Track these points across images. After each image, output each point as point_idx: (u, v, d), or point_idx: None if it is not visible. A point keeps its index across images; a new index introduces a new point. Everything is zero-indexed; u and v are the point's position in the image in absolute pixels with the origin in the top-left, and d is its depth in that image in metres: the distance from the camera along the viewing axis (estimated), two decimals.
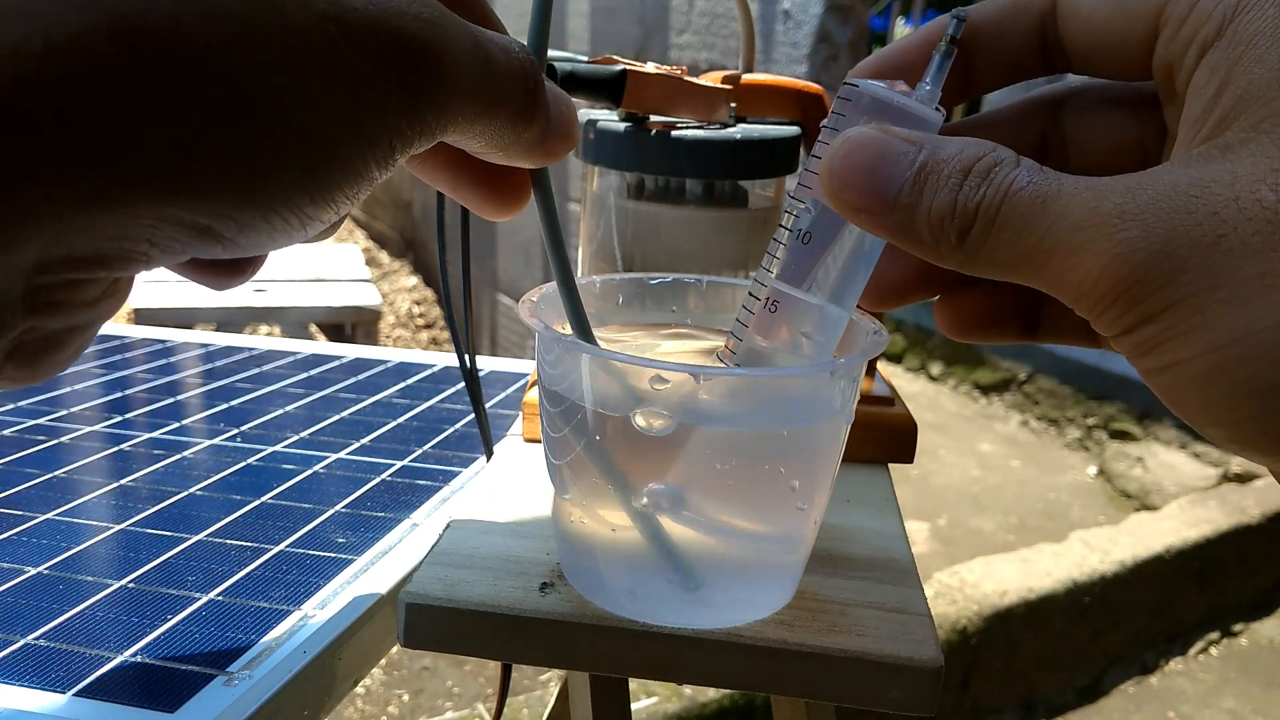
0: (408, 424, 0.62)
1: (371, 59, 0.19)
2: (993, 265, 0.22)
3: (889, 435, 0.43)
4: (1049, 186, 0.21)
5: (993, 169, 0.21)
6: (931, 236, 0.22)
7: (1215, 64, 0.21)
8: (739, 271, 0.44)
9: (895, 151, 0.22)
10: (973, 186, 0.21)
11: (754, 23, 0.46)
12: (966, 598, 1.66)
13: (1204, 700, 1.77)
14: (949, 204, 0.21)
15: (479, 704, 1.51)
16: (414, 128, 0.21)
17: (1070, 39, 0.25)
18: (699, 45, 1.99)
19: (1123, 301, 0.20)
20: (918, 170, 0.22)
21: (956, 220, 0.21)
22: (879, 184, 0.22)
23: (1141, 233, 0.19)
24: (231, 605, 0.39)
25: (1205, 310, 0.19)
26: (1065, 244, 0.20)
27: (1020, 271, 0.21)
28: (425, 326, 3.21)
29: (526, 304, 0.30)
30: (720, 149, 0.41)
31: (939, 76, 0.25)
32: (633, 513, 0.29)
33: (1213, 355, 0.19)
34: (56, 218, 0.16)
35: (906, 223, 0.22)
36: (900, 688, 0.29)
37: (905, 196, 0.22)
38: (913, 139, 0.22)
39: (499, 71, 0.22)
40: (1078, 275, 0.20)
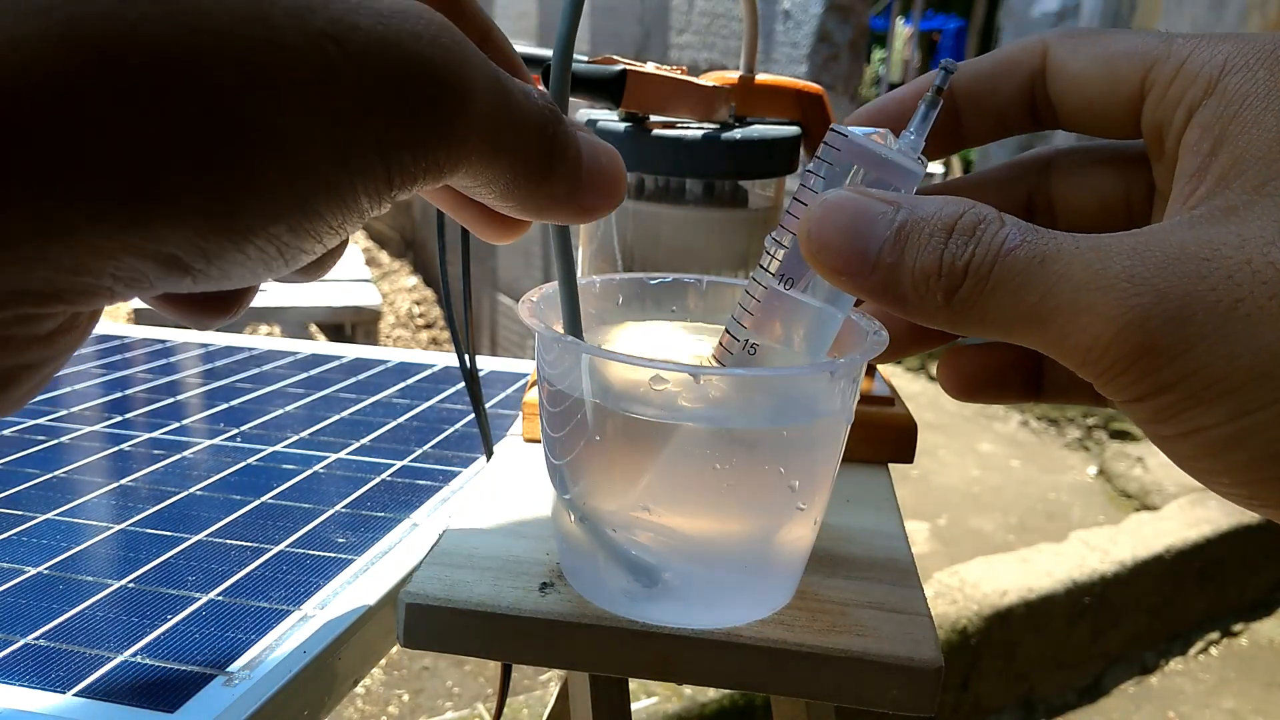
0: (408, 424, 0.62)
1: (376, 84, 0.17)
2: (985, 325, 0.21)
3: (889, 435, 0.43)
4: (1046, 245, 0.20)
5: (978, 226, 0.21)
6: (916, 295, 0.21)
7: (1207, 122, 0.22)
8: (739, 271, 0.44)
9: (873, 212, 0.22)
10: (959, 244, 0.21)
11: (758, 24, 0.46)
12: (966, 598, 1.66)
13: (1204, 700, 1.77)
14: (934, 262, 0.21)
15: (479, 704, 1.51)
16: (419, 163, 0.19)
17: (1058, 97, 0.25)
18: (699, 45, 1.99)
19: (1136, 369, 0.19)
20: (897, 229, 0.22)
21: (944, 279, 0.21)
22: (858, 245, 0.22)
23: (1154, 299, 0.19)
24: (231, 605, 0.39)
25: (1226, 379, 0.19)
26: (1068, 306, 0.20)
27: (1016, 332, 0.21)
28: (425, 326, 3.21)
29: (526, 304, 0.30)
30: (720, 149, 0.41)
31: (923, 127, 0.25)
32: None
33: (1237, 423, 0.19)
34: (3, 247, 0.15)
35: (889, 283, 0.22)
36: (900, 688, 0.29)
37: (887, 256, 0.22)
38: (889, 199, 0.22)
39: (517, 115, 0.20)
40: (1084, 339, 0.20)
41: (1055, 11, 2.98)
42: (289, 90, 0.16)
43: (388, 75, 0.18)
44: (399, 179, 0.19)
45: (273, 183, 0.17)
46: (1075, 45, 0.25)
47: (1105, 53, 0.24)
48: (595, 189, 0.23)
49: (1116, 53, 0.24)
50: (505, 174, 0.21)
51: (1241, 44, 0.22)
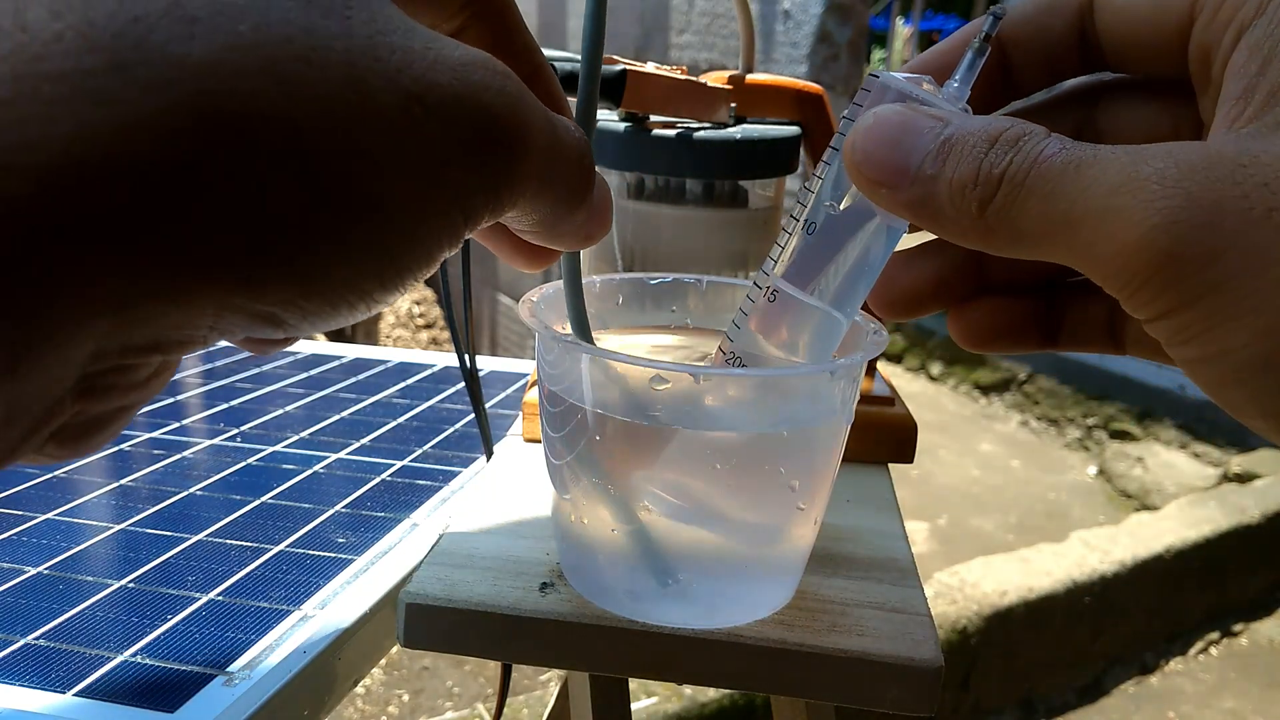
0: (408, 424, 0.62)
1: (454, 138, 0.18)
2: (1016, 238, 0.20)
3: (889, 435, 0.43)
4: (1083, 152, 0.19)
5: (1021, 138, 0.20)
6: (952, 207, 0.21)
7: (1257, 42, 0.21)
8: (739, 271, 0.44)
9: (920, 126, 0.22)
10: (999, 154, 0.20)
11: (754, 23, 0.46)
12: (966, 598, 1.66)
13: (1204, 700, 1.77)
14: (972, 171, 0.20)
15: (479, 704, 1.51)
16: (488, 206, 0.20)
17: (1106, 32, 0.25)
18: (699, 45, 1.99)
19: (1160, 279, 0.18)
20: (942, 143, 0.21)
21: (979, 188, 0.20)
22: (901, 157, 0.21)
23: (1183, 201, 0.18)
24: (231, 605, 0.39)
25: (1255, 294, 0.17)
26: (1097, 211, 0.19)
27: (1045, 244, 0.20)
28: (425, 326, 3.21)
29: (526, 304, 0.30)
30: (720, 149, 0.41)
31: (969, 75, 0.24)
32: (626, 511, 0.29)
33: (1264, 343, 0.17)
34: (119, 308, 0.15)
35: (926, 195, 0.21)
36: (900, 688, 0.29)
37: (928, 168, 0.21)
38: (939, 115, 0.22)
39: (563, 151, 0.21)
40: (1111, 246, 0.19)
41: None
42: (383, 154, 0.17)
43: (464, 128, 0.18)
44: (471, 221, 0.20)
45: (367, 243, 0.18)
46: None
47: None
48: (600, 217, 0.24)
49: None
50: (548, 205, 0.22)
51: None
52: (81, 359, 0.16)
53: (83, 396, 0.17)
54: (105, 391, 0.18)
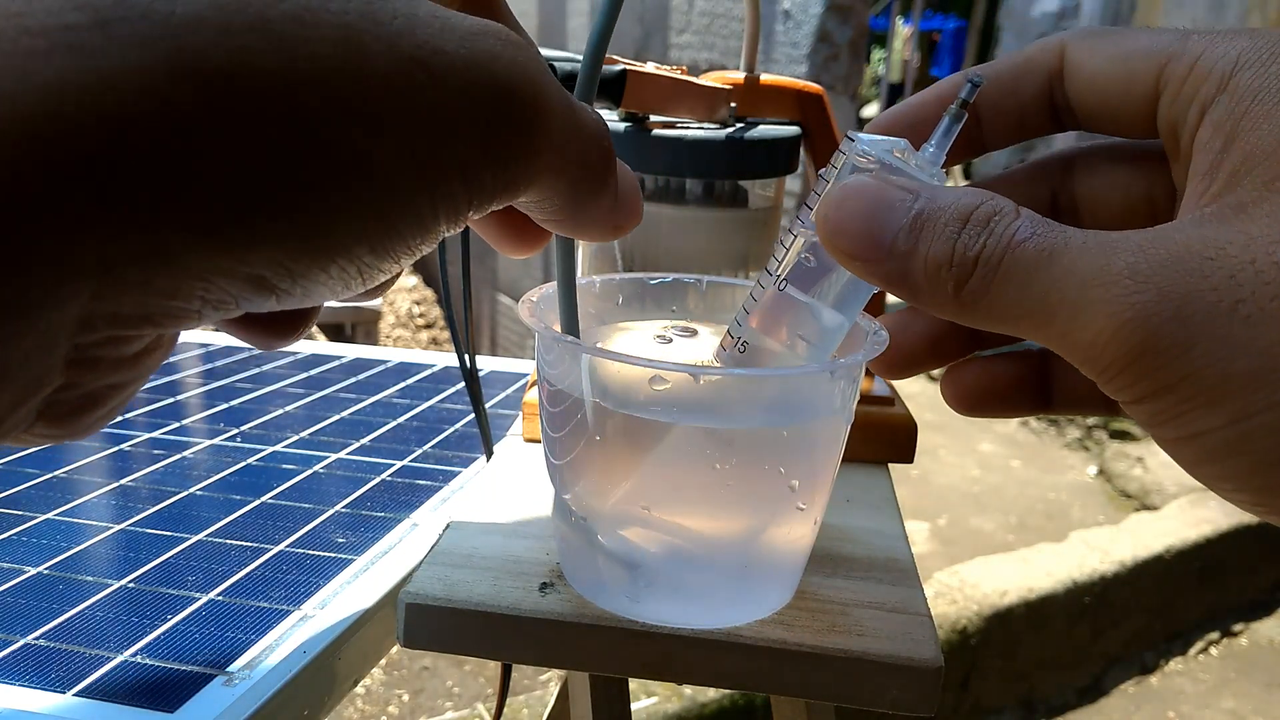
0: (408, 424, 0.62)
1: (461, 107, 0.18)
2: (991, 317, 0.21)
3: (889, 435, 0.43)
4: (1054, 239, 0.20)
5: (992, 218, 0.21)
6: (928, 284, 0.21)
7: (1219, 119, 0.21)
8: (739, 271, 0.44)
9: (891, 199, 0.22)
10: (972, 235, 0.21)
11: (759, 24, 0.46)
12: (966, 598, 1.66)
13: (1204, 700, 1.78)
14: (946, 252, 0.21)
15: (479, 704, 1.51)
16: (498, 182, 0.19)
17: (1077, 98, 0.25)
18: (699, 45, 1.99)
19: (1135, 369, 0.19)
20: (914, 217, 0.21)
21: (954, 269, 0.21)
22: (875, 231, 0.22)
23: (1154, 296, 0.19)
24: (231, 605, 0.39)
25: (1226, 382, 0.18)
26: (1072, 301, 0.19)
27: (1021, 325, 0.21)
28: (425, 326, 3.21)
29: (526, 304, 0.30)
30: (720, 149, 0.41)
31: (945, 140, 0.25)
32: (625, 511, 0.29)
33: (1237, 427, 0.18)
34: (105, 271, 0.15)
35: (902, 270, 0.22)
36: (900, 688, 0.29)
37: (901, 244, 0.21)
38: (910, 187, 0.22)
39: (583, 130, 0.21)
40: (1086, 336, 0.19)
41: (1055, 12, 2.98)
42: (380, 117, 0.17)
43: (471, 98, 0.18)
44: (478, 199, 0.19)
45: (361, 206, 0.17)
46: (1093, 44, 0.25)
47: (1121, 51, 0.24)
48: (629, 206, 0.23)
49: (1132, 50, 0.24)
50: (568, 189, 0.21)
51: (1256, 40, 0.22)
52: (68, 325, 0.16)
53: (72, 367, 0.17)
54: (95, 364, 0.17)
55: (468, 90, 0.18)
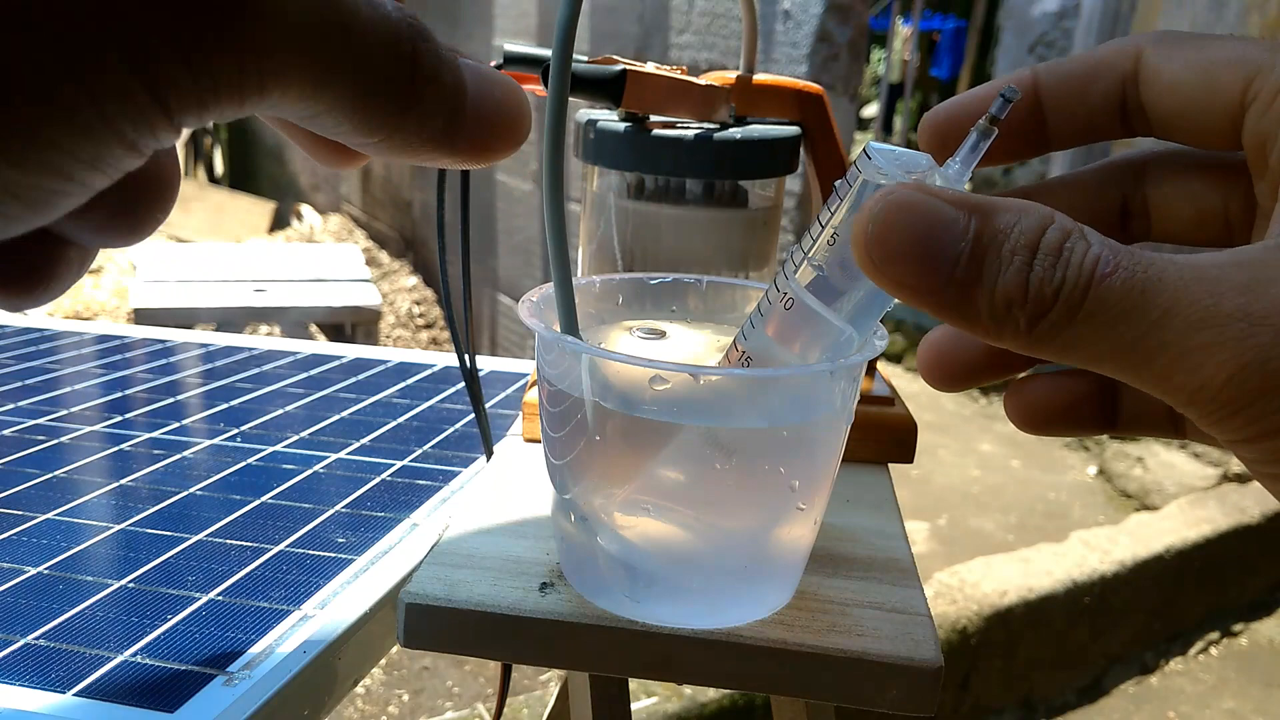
0: (408, 424, 0.62)
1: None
2: (1068, 354, 0.20)
3: (889, 435, 0.43)
4: (1145, 273, 0.19)
5: (1064, 244, 0.19)
6: (993, 319, 0.20)
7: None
8: (739, 271, 0.44)
9: (945, 217, 0.20)
10: (1046, 266, 0.19)
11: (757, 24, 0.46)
12: (966, 598, 1.66)
13: (1204, 700, 1.78)
14: (1018, 285, 0.19)
15: (479, 704, 1.51)
16: (202, 82, 0.14)
17: (1152, 103, 0.24)
18: (699, 45, 1.99)
19: (1251, 411, 0.18)
20: (974, 239, 0.19)
21: (1030, 305, 0.19)
22: (929, 257, 0.20)
23: (1272, 338, 0.18)
24: (231, 605, 0.39)
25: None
26: (1175, 344, 0.18)
27: (1107, 365, 0.19)
28: (425, 326, 3.21)
29: (526, 304, 0.30)
30: (720, 149, 0.41)
31: (971, 157, 0.23)
32: (625, 511, 0.29)
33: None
34: None
35: (961, 302, 0.20)
36: (900, 688, 0.29)
37: (960, 272, 0.19)
38: (960, 201, 0.20)
39: (354, 22, 0.16)
40: (1194, 380, 0.18)
41: (1055, 11, 2.98)
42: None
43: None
44: (175, 101, 0.14)
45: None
46: (1171, 50, 0.24)
47: (1204, 59, 0.23)
48: (487, 122, 0.19)
49: (1216, 60, 0.23)
50: (347, 99, 0.16)
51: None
52: None
53: None
54: None
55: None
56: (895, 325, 3.31)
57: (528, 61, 0.41)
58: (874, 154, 0.24)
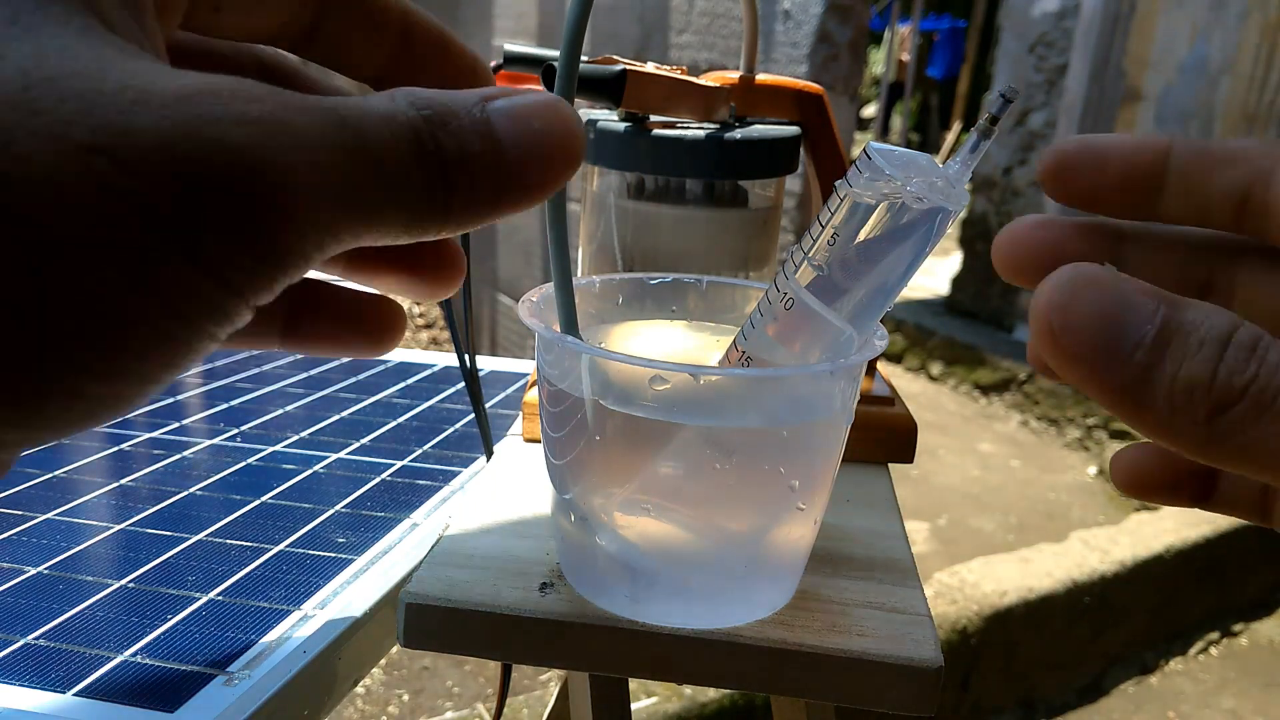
0: (408, 424, 0.62)
1: (170, 191, 0.14)
2: (1248, 456, 0.19)
3: (889, 435, 0.43)
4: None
5: (1258, 343, 0.18)
6: (1169, 408, 0.19)
7: None
8: (739, 271, 0.44)
9: (1134, 301, 0.19)
10: (1239, 359, 0.18)
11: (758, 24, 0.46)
12: (966, 598, 1.66)
13: (1204, 700, 1.77)
14: (1205, 374, 0.18)
15: (479, 704, 1.51)
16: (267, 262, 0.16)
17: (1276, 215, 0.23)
18: (699, 45, 1.99)
19: None
20: (1162, 325, 0.19)
21: (1214, 394, 0.18)
22: (1112, 334, 0.19)
23: None
24: (231, 605, 0.39)
25: None
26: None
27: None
28: (425, 326, 3.21)
29: (526, 304, 0.30)
30: (720, 149, 0.41)
31: (971, 158, 0.24)
32: (625, 511, 0.29)
33: None
34: None
35: (1139, 384, 0.19)
36: (900, 688, 0.29)
37: (1142, 355, 0.19)
38: (1149, 290, 0.19)
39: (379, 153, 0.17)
40: None
41: (1055, 11, 2.98)
42: (52, 229, 0.14)
43: (183, 177, 0.15)
44: (247, 288, 0.16)
45: (55, 342, 0.14)
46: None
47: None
48: (536, 161, 0.18)
49: None
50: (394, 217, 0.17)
51: None
52: None
53: None
54: None
55: (170, 168, 0.14)
56: (895, 325, 3.31)
57: (527, 61, 0.41)
58: (874, 154, 0.24)
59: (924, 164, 0.24)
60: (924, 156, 0.24)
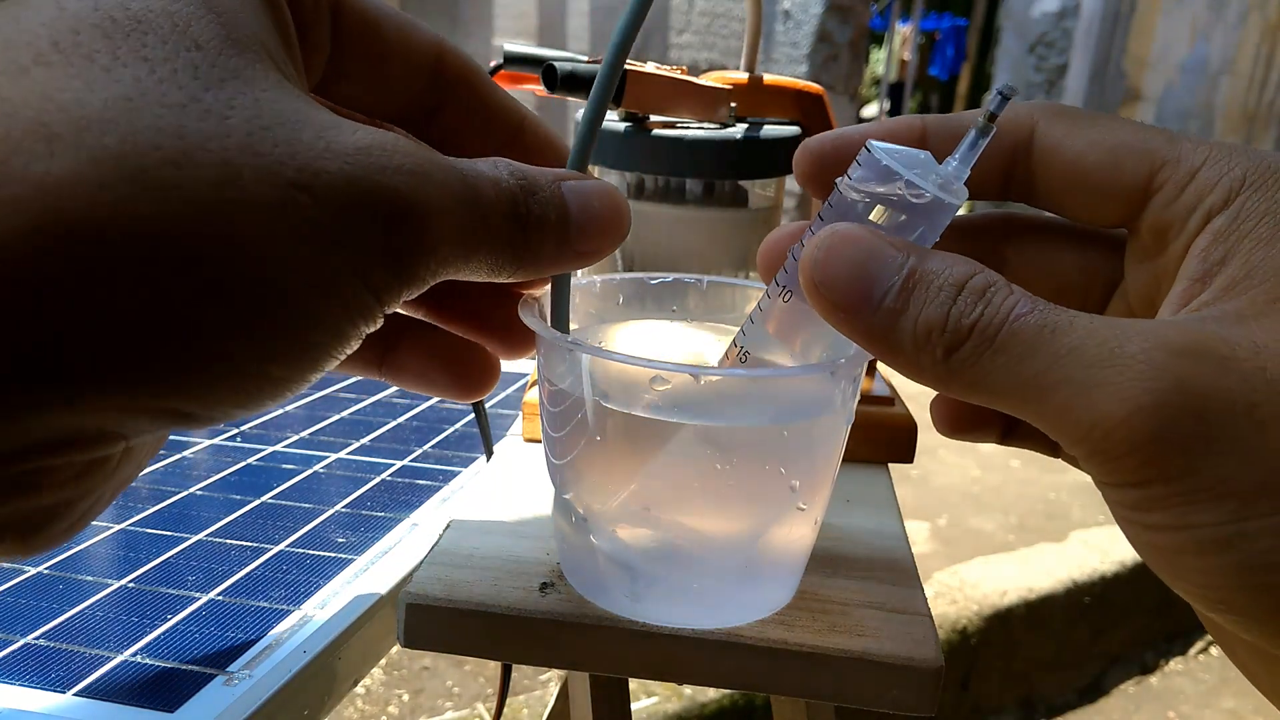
0: (408, 424, 0.62)
1: (350, 221, 0.19)
2: (978, 388, 0.21)
3: (889, 435, 0.43)
4: (1058, 318, 0.20)
5: (988, 289, 0.21)
6: (913, 347, 0.21)
7: (1220, 231, 0.22)
8: (739, 271, 0.44)
9: (884, 254, 0.22)
10: (968, 302, 0.21)
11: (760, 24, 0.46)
12: (966, 598, 1.66)
13: (1204, 700, 1.78)
14: (939, 316, 0.21)
15: (479, 704, 1.51)
16: (401, 280, 0.20)
17: (1046, 175, 0.25)
18: (699, 45, 1.99)
19: (1139, 455, 0.19)
20: (907, 275, 0.21)
21: (947, 335, 0.21)
22: (863, 285, 0.21)
23: (1171, 385, 0.19)
24: (231, 605, 0.39)
25: (1232, 481, 0.18)
26: (1075, 380, 0.19)
27: (1010, 400, 0.21)
28: None
29: (526, 304, 0.30)
30: (720, 149, 0.41)
31: (970, 155, 0.24)
32: (625, 510, 0.29)
33: (1233, 527, 0.18)
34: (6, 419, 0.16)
35: (887, 329, 0.21)
36: (900, 688, 0.29)
37: (890, 301, 0.21)
38: (900, 245, 0.22)
39: (488, 207, 0.22)
40: (1089, 417, 0.19)
41: (1055, 11, 2.98)
42: (264, 243, 0.18)
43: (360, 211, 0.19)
44: (387, 297, 0.20)
45: (259, 330, 0.18)
46: (1071, 125, 0.25)
47: (1109, 141, 0.24)
48: (590, 234, 0.24)
49: (1121, 143, 0.24)
50: (486, 259, 0.22)
51: (1257, 161, 0.22)
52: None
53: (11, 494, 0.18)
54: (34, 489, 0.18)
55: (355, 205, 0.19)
56: None
57: (527, 61, 0.41)
58: (875, 150, 0.24)
59: (923, 160, 0.24)
60: (923, 153, 0.24)
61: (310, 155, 0.18)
